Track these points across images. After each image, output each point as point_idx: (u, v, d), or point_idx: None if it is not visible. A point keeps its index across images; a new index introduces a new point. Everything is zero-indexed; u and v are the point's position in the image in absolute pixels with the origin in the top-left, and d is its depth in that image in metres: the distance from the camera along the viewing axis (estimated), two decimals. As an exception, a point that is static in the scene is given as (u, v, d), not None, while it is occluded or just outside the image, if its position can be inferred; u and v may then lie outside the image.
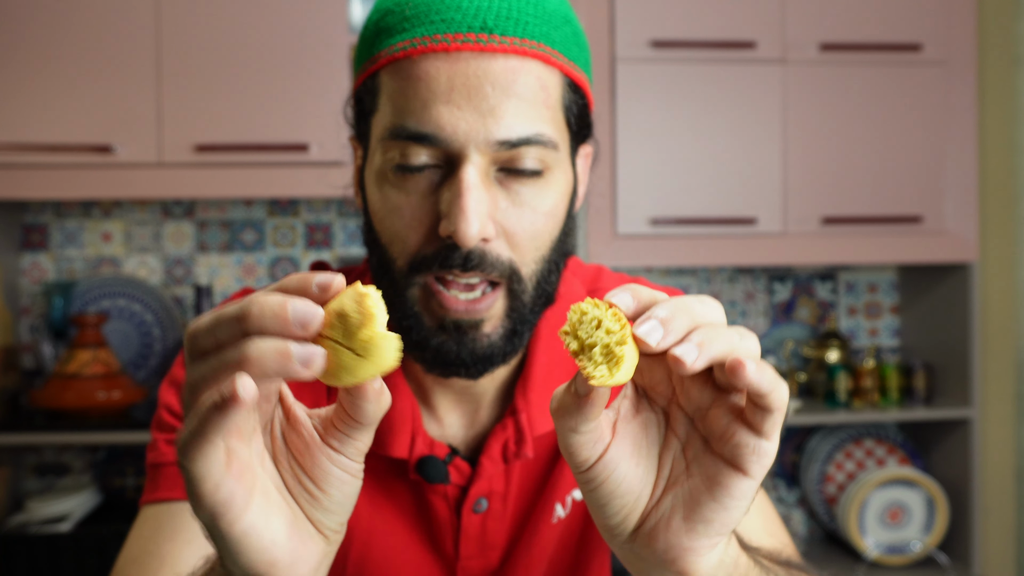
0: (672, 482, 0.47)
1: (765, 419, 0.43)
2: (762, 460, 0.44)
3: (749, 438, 0.44)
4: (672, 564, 0.45)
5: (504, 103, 0.64)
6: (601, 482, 0.46)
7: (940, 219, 2.11)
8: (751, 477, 0.44)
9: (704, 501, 0.44)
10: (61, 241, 2.22)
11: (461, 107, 0.64)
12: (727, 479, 0.44)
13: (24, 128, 1.88)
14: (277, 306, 0.41)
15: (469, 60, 0.64)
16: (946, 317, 2.24)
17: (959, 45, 2.11)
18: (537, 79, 0.66)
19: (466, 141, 0.64)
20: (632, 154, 2.03)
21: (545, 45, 0.67)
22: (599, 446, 0.45)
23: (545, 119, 0.66)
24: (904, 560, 2.16)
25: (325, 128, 1.90)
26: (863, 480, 2.16)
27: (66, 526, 1.90)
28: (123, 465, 2.21)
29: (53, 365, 2.10)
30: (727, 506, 0.44)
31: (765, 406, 0.43)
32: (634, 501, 0.46)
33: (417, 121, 0.65)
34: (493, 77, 0.64)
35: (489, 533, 0.78)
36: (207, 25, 1.91)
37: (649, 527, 0.46)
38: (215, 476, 0.42)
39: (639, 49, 2.03)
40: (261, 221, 2.27)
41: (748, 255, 2.05)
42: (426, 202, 0.67)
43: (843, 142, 2.08)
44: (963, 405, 2.16)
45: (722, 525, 0.45)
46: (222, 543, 0.44)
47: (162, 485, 0.75)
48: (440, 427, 0.78)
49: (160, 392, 0.79)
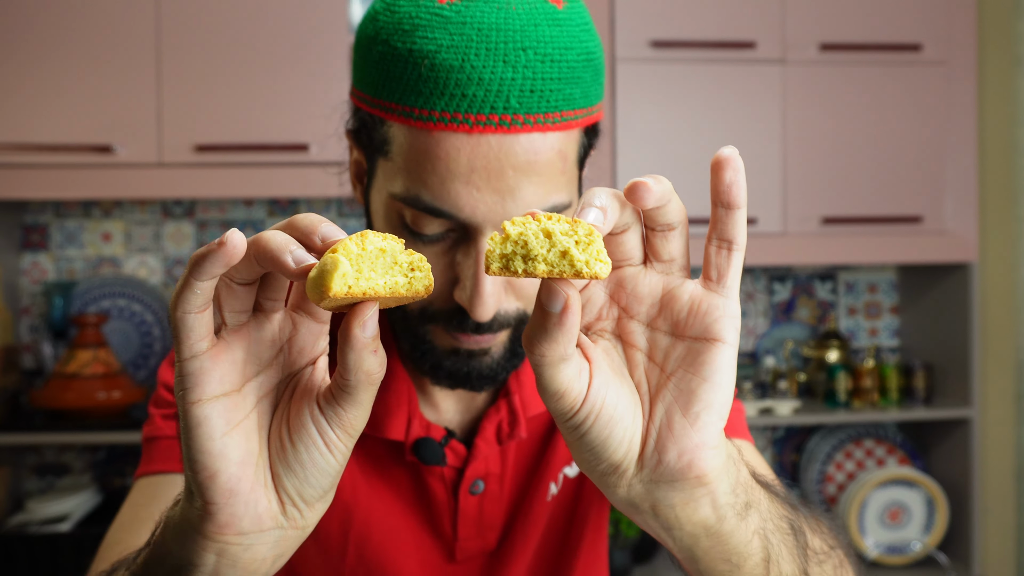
0: (655, 391, 0.45)
1: (726, 261, 0.44)
2: (732, 321, 0.44)
3: (715, 299, 0.44)
4: (689, 470, 0.44)
5: (523, 183, 0.64)
6: (597, 414, 0.44)
7: (940, 219, 2.11)
8: (727, 343, 0.44)
9: (695, 385, 0.44)
10: (61, 241, 2.22)
11: (481, 189, 0.63)
12: (707, 352, 0.44)
13: (24, 128, 1.88)
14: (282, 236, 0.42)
15: (491, 141, 0.63)
16: (946, 317, 2.24)
17: (959, 45, 2.11)
18: (557, 152, 0.65)
19: (484, 221, 0.64)
20: (632, 154, 2.03)
21: (566, 111, 0.66)
22: (584, 376, 0.44)
23: (561, 186, 0.67)
24: (904, 560, 2.17)
25: (325, 128, 1.90)
26: (863, 480, 2.16)
27: (66, 526, 1.90)
28: (123, 465, 2.21)
29: (53, 365, 2.10)
30: (718, 381, 0.44)
31: (725, 236, 0.43)
32: (632, 423, 0.45)
33: (434, 197, 0.64)
34: (514, 159, 0.64)
35: (486, 514, 0.80)
36: (207, 25, 1.91)
37: (653, 443, 0.45)
38: (193, 337, 0.42)
39: (639, 49, 2.03)
40: (261, 221, 2.27)
41: (748, 255, 2.05)
42: (440, 261, 0.67)
43: (843, 142, 2.08)
44: (963, 405, 2.16)
45: (720, 405, 0.44)
46: (181, 426, 0.44)
47: (156, 457, 0.76)
48: (436, 411, 0.80)
49: (159, 372, 0.81)
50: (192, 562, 0.45)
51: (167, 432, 0.77)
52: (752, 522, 0.48)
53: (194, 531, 0.44)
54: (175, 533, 0.46)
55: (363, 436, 0.78)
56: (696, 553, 0.48)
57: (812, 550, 0.57)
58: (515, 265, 0.42)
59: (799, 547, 0.54)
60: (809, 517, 0.60)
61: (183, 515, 0.45)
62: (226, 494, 0.43)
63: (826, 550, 0.59)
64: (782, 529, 0.52)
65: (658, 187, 0.43)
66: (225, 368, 0.43)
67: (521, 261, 0.42)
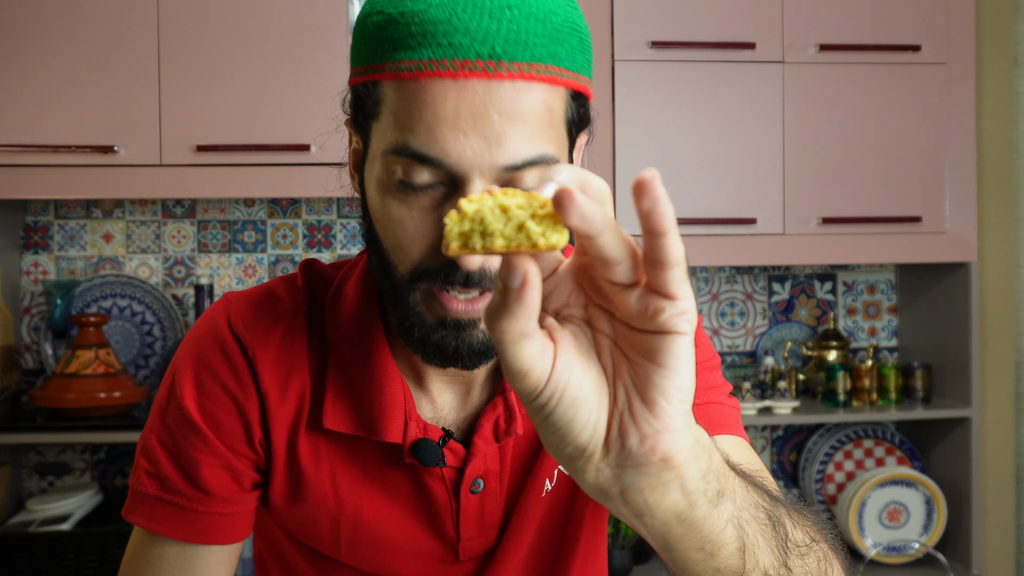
0: (618, 376, 0.46)
1: (665, 279, 0.43)
2: (685, 316, 0.43)
3: (662, 303, 0.43)
4: (652, 453, 0.44)
5: (509, 129, 0.65)
6: (561, 394, 0.44)
7: (939, 219, 2.11)
8: (682, 333, 0.43)
9: (651, 372, 0.44)
10: (62, 241, 2.22)
11: (467, 134, 0.65)
12: (661, 344, 0.43)
13: (25, 128, 1.89)
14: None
15: (476, 87, 0.64)
16: (945, 317, 2.24)
17: (958, 45, 2.11)
18: (543, 103, 0.66)
19: (471, 167, 0.65)
20: (632, 154, 2.04)
21: (551, 66, 0.67)
22: (548, 355, 0.44)
23: (548, 139, 0.67)
24: (903, 559, 2.17)
25: (325, 128, 1.90)
26: (862, 480, 2.17)
27: (66, 526, 1.90)
28: (123, 465, 2.21)
29: (54, 365, 2.10)
30: (673, 367, 0.44)
31: (656, 259, 0.42)
32: (597, 406, 0.45)
33: (421, 143, 0.65)
34: (499, 104, 0.65)
35: (487, 512, 0.80)
36: (208, 26, 1.92)
37: (617, 427, 0.45)
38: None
39: (639, 50, 2.03)
40: (262, 221, 2.27)
41: (748, 255, 2.05)
42: (429, 218, 0.67)
43: (842, 142, 2.09)
44: (962, 405, 2.16)
45: (679, 391, 0.44)
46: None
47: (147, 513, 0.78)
48: (434, 408, 0.80)
49: (146, 431, 0.81)
50: None
51: (149, 491, 0.79)
52: (725, 510, 0.49)
53: None
54: None
55: (360, 439, 0.78)
56: (669, 541, 0.48)
57: (793, 542, 0.57)
58: (473, 242, 0.42)
59: (778, 538, 0.54)
60: (791, 510, 0.60)
61: None
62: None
63: (808, 543, 0.59)
64: (759, 519, 0.53)
65: (589, 211, 0.41)
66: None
67: (479, 237, 0.42)
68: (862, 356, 2.42)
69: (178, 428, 0.78)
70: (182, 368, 0.80)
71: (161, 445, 0.78)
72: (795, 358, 2.41)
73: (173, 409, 0.79)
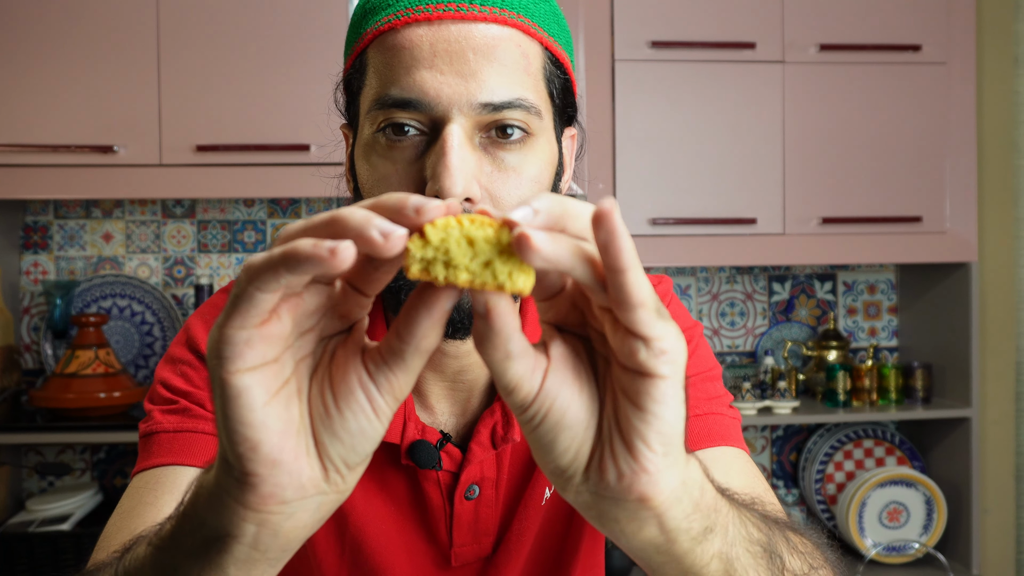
0: (608, 406, 0.44)
1: (632, 320, 0.40)
2: (663, 358, 0.40)
3: (636, 343, 0.40)
4: (629, 492, 0.42)
5: (486, 67, 0.66)
6: (544, 415, 0.42)
7: (940, 219, 2.11)
8: (663, 376, 0.41)
9: (630, 414, 0.41)
10: (62, 241, 2.22)
11: (444, 72, 0.66)
12: (640, 386, 0.41)
13: (25, 128, 1.89)
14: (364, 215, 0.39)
15: (451, 27, 0.67)
16: (945, 317, 2.24)
17: (959, 45, 2.11)
18: (518, 47, 0.68)
19: (449, 104, 0.66)
20: (632, 154, 2.03)
21: (524, 17, 0.69)
22: (537, 373, 0.42)
23: (527, 85, 0.68)
24: (903, 559, 2.17)
25: (325, 128, 1.90)
26: (862, 480, 2.17)
27: (66, 526, 1.90)
28: (123, 465, 2.21)
29: (54, 365, 2.10)
30: (653, 411, 0.41)
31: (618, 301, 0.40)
32: (583, 432, 0.43)
33: (401, 88, 0.66)
34: (475, 43, 0.66)
35: (482, 519, 0.80)
36: (207, 26, 1.91)
37: (597, 459, 0.43)
38: (253, 312, 0.40)
39: (639, 49, 2.03)
40: (261, 221, 2.27)
41: (748, 255, 2.05)
42: (412, 168, 0.68)
43: (842, 142, 2.08)
44: (962, 405, 2.16)
45: (659, 435, 0.41)
46: (217, 397, 0.41)
47: (156, 451, 0.74)
48: (431, 414, 0.79)
49: (157, 370, 0.80)
50: (230, 533, 0.43)
51: (167, 426, 0.75)
52: (712, 546, 0.47)
53: (233, 502, 0.42)
54: (209, 502, 0.44)
55: None
56: (651, 564, 0.47)
57: (791, 573, 0.55)
58: (435, 271, 0.40)
59: (772, 569, 0.52)
60: (791, 536, 0.58)
61: (218, 485, 0.43)
62: (269, 465, 0.41)
63: (806, 572, 0.57)
64: (754, 553, 0.51)
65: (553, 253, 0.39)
66: (272, 340, 0.41)
67: (442, 267, 0.40)
68: (862, 356, 2.42)
69: (190, 362, 0.78)
70: (193, 317, 0.81)
71: (180, 376, 0.77)
72: (795, 358, 2.41)
73: (185, 351, 0.78)
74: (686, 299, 2.38)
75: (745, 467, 0.77)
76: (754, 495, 0.72)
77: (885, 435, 2.31)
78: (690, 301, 2.39)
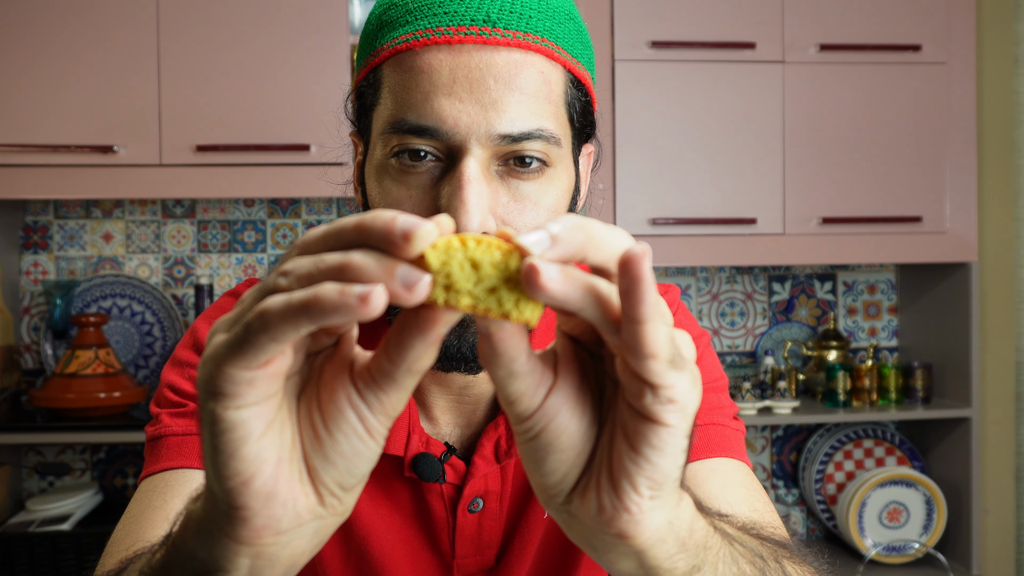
0: (606, 434, 0.42)
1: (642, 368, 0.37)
2: (670, 407, 0.38)
3: (643, 388, 0.38)
4: (608, 526, 0.40)
5: (507, 96, 0.63)
6: (538, 433, 0.41)
7: (940, 219, 2.11)
8: (668, 425, 0.38)
9: (622, 452, 0.39)
10: (62, 241, 2.22)
11: (463, 100, 0.63)
12: (641, 427, 0.39)
13: (25, 128, 1.89)
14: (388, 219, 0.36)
15: (472, 52, 0.64)
16: (945, 317, 2.24)
17: (959, 45, 2.11)
18: (540, 73, 0.65)
19: (467, 134, 0.63)
20: (632, 154, 2.03)
21: (548, 40, 0.66)
22: (540, 391, 0.40)
23: (547, 114, 0.66)
24: (903, 559, 2.17)
25: (325, 128, 1.90)
26: (862, 480, 2.17)
27: (67, 526, 1.90)
28: (123, 465, 2.21)
29: (54, 365, 2.10)
30: (647, 456, 0.39)
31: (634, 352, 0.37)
32: (575, 457, 0.41)
33: (418, 114, 0.64)
34: (496, 70, 0.63)
35: (485, 532, 0.79)
36: (207, 26, 1.91)
37: (584, 485, 0.41)
38: (265, 353, 0.37)
39: (639, 49, 2.03)
40: (261, 221, 2.27)
41: (748, 255, 2.05)
42: (426, 196, 0.66)
43: (842, 142, 2.08)
44: (962, 405, 2.16)
45: (648, 480, 0.39)
46: (206, 429, 0.39)
47: (165, 455, 0.73)
48: (435, 426, 0.78)
49: (164, 373, 0.78)
50: (223, 567, 0.41)
51: (175, 429, 0.74)
52: None
53: (223, 535, 0.40)
54: (199, 535, 0.42)
55: None
56: None
57: None
58: (434, 292, 0.37)
59: None
60: (789, 566, 0.56)
61: (207, 516, 0.41)
62: (262, 499, 0.39)
63: None
64: None
65: (561, 291, 0.36)
66: (277, 377, 0.39)
67: (442, 291, 0.37)
68: (862, 356, 2.42)
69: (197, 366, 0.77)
70: (199, 320, 0.81)
71: (187, 380, 0.76)
72: (795, 358, 2.41)
73: (191, 354, 0.78)
74: (686, 299, 2.38)
75: (744, 480, 0.75)
76: (753, 511, 0.72)
77: (885, 435, 2.31)
78: (690, 301, 2.39)
